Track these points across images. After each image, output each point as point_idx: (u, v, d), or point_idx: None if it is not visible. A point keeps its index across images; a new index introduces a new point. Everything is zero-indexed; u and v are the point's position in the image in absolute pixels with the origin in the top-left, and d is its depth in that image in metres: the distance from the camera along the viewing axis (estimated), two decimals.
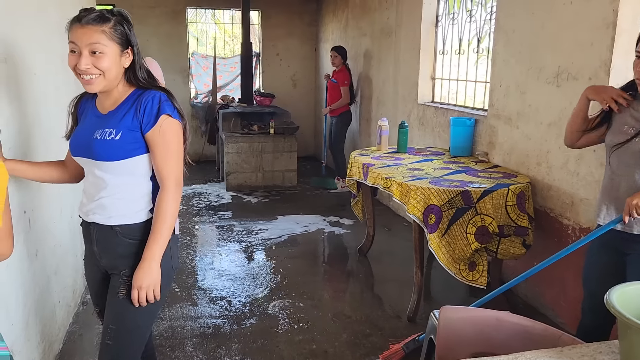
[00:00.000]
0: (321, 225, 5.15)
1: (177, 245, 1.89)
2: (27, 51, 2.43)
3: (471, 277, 3.02)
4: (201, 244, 4.57)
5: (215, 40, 8.67)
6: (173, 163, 1.69)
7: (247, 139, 6.46)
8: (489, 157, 3.83)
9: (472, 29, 4.31)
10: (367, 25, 6.26)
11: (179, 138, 1.72)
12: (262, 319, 3.23)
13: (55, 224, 2.83)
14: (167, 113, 1.67)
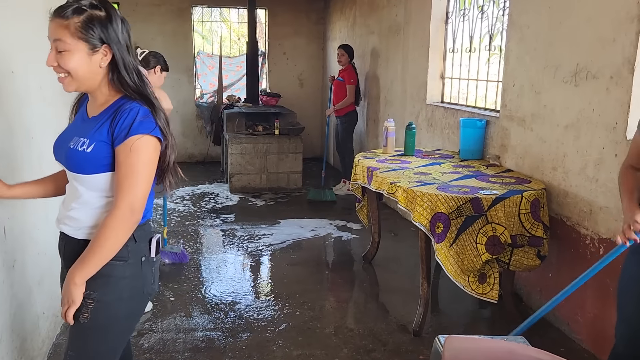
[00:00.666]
0: (327, 229, 4.97)
1: (154, 269, 1.68)
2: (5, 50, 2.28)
3: (481, 290, 2.82)
4: (200, 250, 4.40)
5: (221, 39, 8.51)
6: (131, 187, 1.47)
7: (251, 140, 6.30)
8: (501, 161, 3.63)
9: (484, 26, 4.11)
10: (375, 22, 6.06)
11: (149, 161, 1.50)
12: (259, 332, 3.05)
13: (39, 231, 2.67)
14: (140, 133, 1.47)
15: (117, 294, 1.57)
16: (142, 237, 1.61)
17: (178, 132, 8.18)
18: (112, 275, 1.55)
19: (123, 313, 1.62)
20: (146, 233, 1.63)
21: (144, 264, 1.62)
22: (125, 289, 1.59)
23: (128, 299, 1.60)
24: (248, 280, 3.80)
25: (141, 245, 1.61)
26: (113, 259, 1.53)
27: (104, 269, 1.52)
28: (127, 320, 1.68)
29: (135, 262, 1.59)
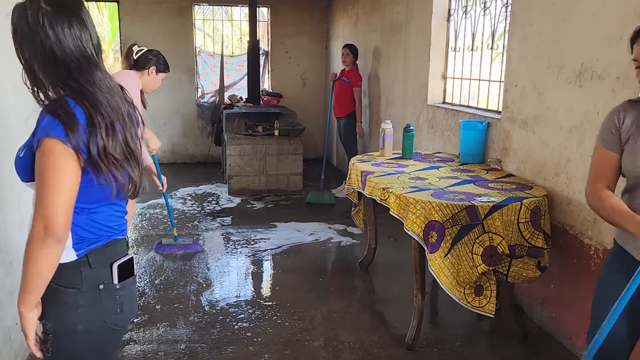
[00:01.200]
0: (325, 234, 4.82)
1: (119, 297, 1.46)
2: None
3: (477, 303, 2.66)
4: (192, 255, 4.27)
5: (222, 37, 8.39)
6: (42, 200, 1.26)
7: (250, 141, 6.16)
8: (502, 165, 3.46)
9: (487, 24, 3.94)
10: (377, 20, 5.90)
11: (58, 168, 1.26)
12: (244, 344, 2.92)
13: (13, 238, 2.56)
14: (42, 136, 1.26)
15: (71, 325, 1.40)
16: (101, 262, 1.43)
17: (179, 132, 8.09)
18: (64, 304, 1.39)
19: (82, 348, 1.44)
20: (107, 257, 1.44)
21: (103, 293, 1.42)
22: (81, 320, 1.40)
23: (85, 331, 1.42)
24: (238, 289, 3.66)
25: (99, 271, 1.42)
26: (64, 286, 1.38)
27: (57, 296, 1.38)
28: (92, 356, 1.48)
29: (91, 290, 1.41)
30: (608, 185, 1.77)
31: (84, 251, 1.40)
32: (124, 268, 1.47)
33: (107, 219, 1.44)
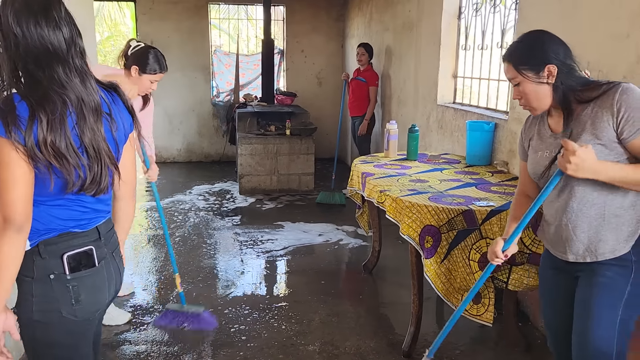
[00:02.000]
0: (334, 235, 4.76)
1: (73, 288, 1.47)
2: None
3: (475, 311, 2.57)
4: (197, 254, 4.27)
5: (238, 36, 8.39)
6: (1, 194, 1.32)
7: (262, 140, 6.14)
8: (509, 168, 3.35)
9: (497, 21, 3.81)
10: (390, 19, 5.81)
11: (3, 162, 1.31)
12: (238, 347, 2.88)
13: None
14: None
15: (28, 314, 1.45)
16: (51, 253, 1.45)
17: (194, 131, 8.12)
18: (22, 292, 1.46)
19: (40, 336, 1.47)
20: (58, 248, 1.46)
21: (54, 282, 1.44)
22: (35, 309, 1.44)
23: (40, 320, 1.45)
24: (237, 290, 3.63)
25: (49, 261, 1.44)
26: (23, 274, 1.43)
27: (19, 285, 1.45)
28: (53, 346, 1.50)
29: (43, 279, 1.44)
30: (524, 190, 1.98)
31: (35, 241, 1.43)
32: (78, 259, 1.48)
33: (62, 213, 1.46)
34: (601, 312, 1.68)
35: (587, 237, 1.70)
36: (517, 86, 1.72)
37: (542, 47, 1.66)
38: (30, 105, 1.32)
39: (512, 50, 1.72)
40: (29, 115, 1.31)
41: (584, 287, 1.73)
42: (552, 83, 1.65)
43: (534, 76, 1.66)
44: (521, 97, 1.73)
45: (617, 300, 1.67)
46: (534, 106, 1.73)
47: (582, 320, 1.72)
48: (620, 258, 1.67)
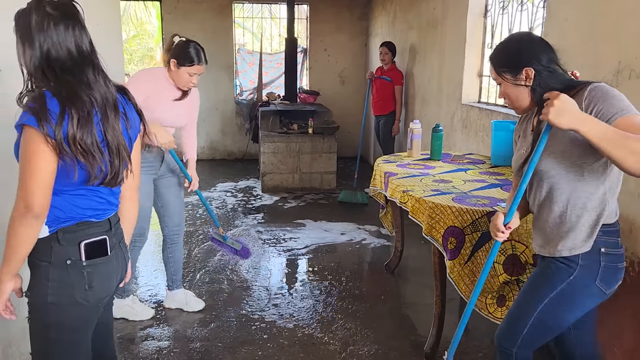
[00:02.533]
0: (356, 235, 4.75)
1: (87, 274, 1.56)
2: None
3: (499, 314, 2.53)
4: (215, 253, 4.30)
5: (261, 35, 8.42)
6: (21, 183, 1.42)
7: (284, 139, 6.15)
8: None
9: (524, 20, 3.75)
10: (414, 17, 5.76)
11: (33, 153, 1.40)
12: (259, 345, 2.89)
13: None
14: (20, 122, 1.41)
15: (42, 297, 1.53)
16: (69, 240, 1.54)
17: (217, 129, 8.18)
18: (37, 276, 1.54)
19: (51, 319, 1.55)
20: (76, 235, 1.55)
21: (70, 268, 1.53)
22: (50, 293, 1.52)
23: (55, 304, 1.53)
24: (259, 289, 3.64)
25: (67, 248, 1.53)
26: (39, 259, 1.52)
27: (34, 269, 1.53)
28: (63, 330, 1.58)
29: (60, 265, 1.52)
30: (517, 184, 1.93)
31: (54, 228, 1.52)
32: (93, 247, 1.57)
33: (82, 202, 1.55)
34: (530, 294, 1.82)
35: (550, 231, 1.77)
36: (500, 86, 1.80)
37: (521, 51, 1.71)
38: (61, 102, 1.42)
39: (495, 52, 1.80)
40: (60, 112, 1.41)
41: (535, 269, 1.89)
42: (529, 85, 1.70)
43: (512, 78, 1.73)
44: (504, 97, 1.82)
45: (547, 292, 1.76)
46: (515, 106, 1.80)
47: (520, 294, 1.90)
48: (569, 259, 1.73)
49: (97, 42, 3.95)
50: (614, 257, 1.73)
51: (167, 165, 3.04)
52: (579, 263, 1.72)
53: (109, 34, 4.06)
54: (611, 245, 1.72)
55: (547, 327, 1.81)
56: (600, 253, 1.71)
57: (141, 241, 3.03)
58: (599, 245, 1.71)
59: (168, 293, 3.30)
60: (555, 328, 1.83)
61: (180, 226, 3.20)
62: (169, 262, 3.24)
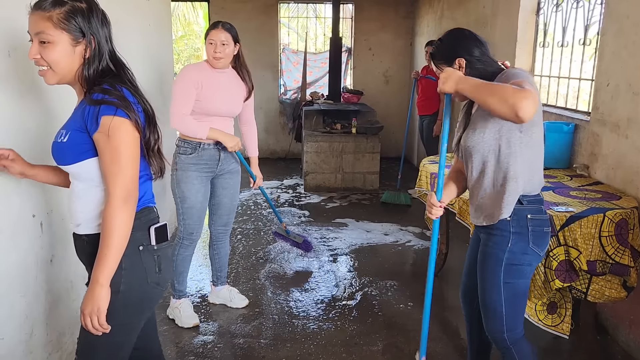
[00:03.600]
0: (398, 236, 4.70)
1: (157, 257, 1.63)
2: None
3: (550, 321, 2.45)
4: (263, 251, 4.33)
5: (306, 34, 8.46)
6: (119, 172, 1.46)
7: (327, 138, 6.15)
8: (589, 172, 3.16)
9: (580, 17, 3.61)
10: (462, 15, 5.65)
11: (129, 140, 1.48)
12: (302, 343, 2.89)
13: None
14: (108, 114, 1.45)
15: (115, 287, 1.53)
16: (139, 226, 1.58)
17: (261, 128, 8.23)
18: None
19: (122, 304, 1.56)
20: (144, 222, 1.60)
21: (143, 254, 1.58)
22: (124, 281, 1.55)
23: (127, 290, 1.56)
24: (301, 287, 3.65)
25: (138, 234, 1.57)
26: None
27: None
28: (131, 314, 1.62)
29: (133, 252, 1.56)
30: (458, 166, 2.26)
31: None
32: (160, 232, 1.62)
33: (147, 187, 1.64)
34: (486, 276, 2.00)
35: (481, 202, 1.99)
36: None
37: (454, 45, 1.97)
38: (133, 94, 1.52)
39: (433, 48, 2.06)
40: (136, 102, 1.52)
41: (479, 253, 2.06)
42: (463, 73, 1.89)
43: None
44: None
45: (497, 267, 1.96)
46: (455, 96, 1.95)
47: (479, 282, 2.05)
48: (501, 229, 1.94)
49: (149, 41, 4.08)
50: (540, 221, 1.95)
51: (225, 165, 3.00)
52: (511, 231, 1.93)
53: (160, 34, 4.16)
54: (535, 212, 1.95)
55: (516, 297, 1.99)
56: (527, 219, 1.93)
57: (189, 239, 3.01)
58: (525, 212, 1.93)
59: (213, 289, 3.35)
60: (522, 295, 2.02)
61: (227, 227, 3.22)
62: (214, 259, 3.28)
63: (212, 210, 3.15)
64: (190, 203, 2.93)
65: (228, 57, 2.88)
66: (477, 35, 2.00)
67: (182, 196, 2.92)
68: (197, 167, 2.91)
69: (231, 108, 2.98)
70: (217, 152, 2.94)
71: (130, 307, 1.61)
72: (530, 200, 1.94)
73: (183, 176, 2.89)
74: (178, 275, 3.07)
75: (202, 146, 2.89)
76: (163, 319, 3.11)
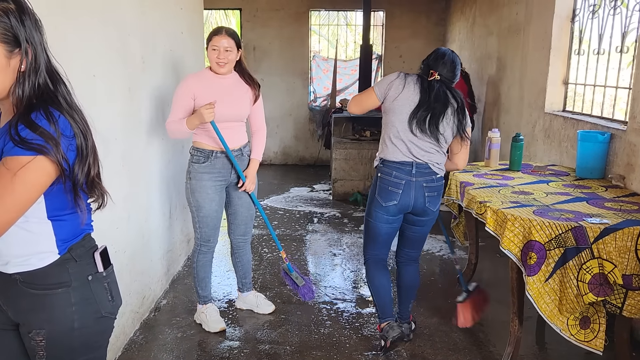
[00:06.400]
0: (428, 244, 4.64)
1: (108, 284, 1.47)
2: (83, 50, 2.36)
3: (582, 336, 2.38)
4: (280, 258, 4.33)
5: (337, 42, 8.48)
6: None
7: (356, 145, 6.14)
8: (625, 182, 3.07)
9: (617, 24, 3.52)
10: (494, 22, 5.57)
11: (33, 186, 1.21)
12: (327, 350, 2.88)
13: (117, 230, 2.77)
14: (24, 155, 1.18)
15: (67, 324, 1.39)
16: (84, 255, 1.43)
17: (291, 135, 8.31)
18: (54, 306, 1.38)
19: (79, 342, 1.43)
20: (87, 249, 1.44)
21: (92, 284, 1.43)
22: (77, 317, 1.40)
23: (82, 327, 1.42)
24: (329, 296, 3.64)
25: (84, 263, 1.42)
26: (53, 287, 1.37)
27: (45, 301, 1.37)
28: (89, 349, 1.47)
29: (81, 284, 1.41)
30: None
31: (64, 249, 1.39)
32: (104, 256, 1.48)
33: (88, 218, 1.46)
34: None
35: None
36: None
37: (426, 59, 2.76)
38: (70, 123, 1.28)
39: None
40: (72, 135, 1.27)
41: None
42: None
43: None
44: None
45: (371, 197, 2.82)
46: None
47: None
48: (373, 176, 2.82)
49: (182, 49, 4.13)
50: (386, 180, 2.67)
51: (240, 174, 3.00)
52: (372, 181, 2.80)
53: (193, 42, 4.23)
54: (384, 173, 2.68)
55: (365, 231, 2.88)
56: (378, 176, 2.72)
57: (207, 246, 3.04)
58: (378, 171, 2.72)
59: (239, 295, 3.37)
60: (368, 230, 2.84)
61: (245, 236, 3.20)
62: (237, 266, 3.30)
63: (230, 219, 3.15)
64: (205, 212, 2.94)
65: (232, 63, 2.86)
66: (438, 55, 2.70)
67: (197, 205, 2.93)
68: (210, 176, 2.91)
69: (237, 111, 2.94)
70: (229, 160, 2.94)
71: (92, 343, 1.47)
72: (384, 164, 2.69)
73: (197, 185, 2.91)
74: (200, 281, 3.10)
75: (215, 154, 2.90)
76: (190, 324, 3.15)
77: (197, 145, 2.93)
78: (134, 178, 3.01)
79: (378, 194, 2.70)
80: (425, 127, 2.61)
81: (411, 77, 2.69)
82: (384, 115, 2.76)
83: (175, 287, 3.67)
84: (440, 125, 2.64)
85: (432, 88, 2.63)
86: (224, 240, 3.85)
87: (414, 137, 2.64)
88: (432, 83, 2.65)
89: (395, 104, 2.66)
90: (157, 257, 3.45)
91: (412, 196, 2.67)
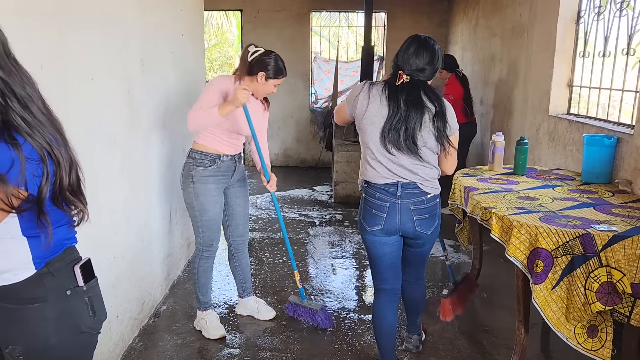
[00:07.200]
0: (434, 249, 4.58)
1: (90, 299, 1.42)
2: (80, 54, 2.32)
3: (590, 345, 2.33)
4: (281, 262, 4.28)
5: (338, 43, 8.44)
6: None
7: (358, 147, 6.02)
8: (633, 188, 3.02)
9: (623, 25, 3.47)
10: (498, 24, 5.52)
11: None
12: (329, 358, 2.83)
13: (116, 235, 2.73)
14: None
15: (43, 340, 1.34)
16: (62, 268, 1.37)
17: (292, 137, 8.26)
18: (29, 321, 1.32)
19: (58, 358, 1.39)
20: (66, 262, 1.39)
21: (71, 298, 1.37)
22: (53, 333, 1.34)
23: (60, 343, 1.36)
24: (331, 301, 3.59)
25: (62, 277, 1.37)
26: (28, 302, 1.32)
27: (19, 316, 1.31)
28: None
29: (59, 298, 1.35)
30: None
31: (41, 262, 1.33)
32: (86, 270, 1.42)
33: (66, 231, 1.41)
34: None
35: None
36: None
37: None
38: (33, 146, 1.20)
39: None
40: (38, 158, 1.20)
41: None
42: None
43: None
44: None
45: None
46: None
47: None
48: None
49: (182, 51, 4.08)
50: (370, 202, 2.43)
51: (238, 174, 3.03)
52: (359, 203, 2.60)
53: (192, 43, 4.18)
54: (368, 194, 2.45)
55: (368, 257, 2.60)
56: (363, 197, 2.49)
57: (209, 251, 3.02)
58: (363, 191, 2.50)
59: (240, 301, 3.33)
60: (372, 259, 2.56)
61: (244, 237, 3.19)
62: (236, 271, 3.26)
63: (228, 221, 3.12)
64: (210, 215, 2.92)
65: None
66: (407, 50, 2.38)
67: (201, 209, 2.90)
68: (215, 179, 2.91)
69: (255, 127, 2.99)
70: (234, 163, 2.98)
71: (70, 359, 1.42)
72: (369, 186, 2.45)
73: (202, 189, 2.88)
74: (201, 287, 3.06)
75: (222, 158, 2.91)
76: (189, 330, 3.10)
77: (201, 148, 2.89)
78: (133, 182, 2.97)
79: (362, 218, 2.46)
80: (401, 143, 2.29)
81: (376, 88, 2.33)
82: (359, 133, 2.44)
83: (175, 292, 3.63)
84: (418, 138, 2.29)
85: (402, 94, 2.27)
86: (222, 244, 3.81)
87: (392, 157, 2.34)
88: (401, 88, 2.28)
89: (363, 122, 2.35)
90: (157, 262, 3.40)
91: (398, 219, 2.39)
